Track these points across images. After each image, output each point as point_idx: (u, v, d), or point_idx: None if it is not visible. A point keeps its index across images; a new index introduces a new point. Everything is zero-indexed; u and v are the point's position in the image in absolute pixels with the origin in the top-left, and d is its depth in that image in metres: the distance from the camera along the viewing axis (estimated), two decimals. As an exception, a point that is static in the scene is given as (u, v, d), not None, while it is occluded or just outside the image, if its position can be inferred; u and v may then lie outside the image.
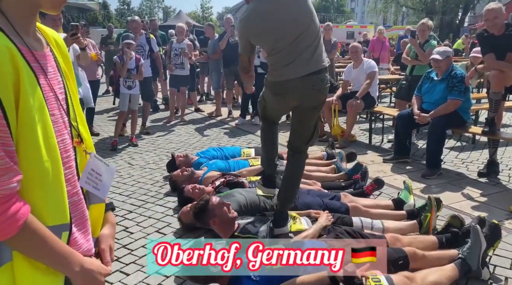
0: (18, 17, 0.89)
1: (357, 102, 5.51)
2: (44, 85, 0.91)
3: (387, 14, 38.42)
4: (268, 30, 2.44)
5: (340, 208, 3.11)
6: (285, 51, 2.45)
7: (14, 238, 0.82)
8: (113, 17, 42.88)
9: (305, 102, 2.54)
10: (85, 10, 12.30)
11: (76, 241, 0.98)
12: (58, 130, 0.94)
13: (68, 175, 0.97)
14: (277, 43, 2.45)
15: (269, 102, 2.70)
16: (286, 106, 2.69)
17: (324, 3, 50.11)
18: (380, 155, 5.12)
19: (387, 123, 6.52)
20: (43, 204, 0.89)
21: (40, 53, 0.94)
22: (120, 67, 5.46)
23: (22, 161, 0.84)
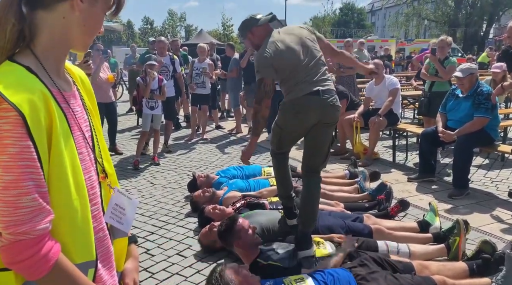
0: (50, 59, 0.93)
1: (379, 119, 5.43)
2: (73, 125, 0.94)
3: (408, 27, 38.12)
4: (288, 55, 2.69)
5: (363, 230, 3.03)
6: (304, 72, 2.67)
7: (44, 277, 0.84)
8: (137, 36, 44.04)
9: (323, 118, 2.67)
10: (110, 31, 12.67)
11: (101, 277, 0.98)
12: (86, 168, 0.96)
13: (94, 212, 0.98)
14: (295, 67, 2.68)
15: (287, 127, 2.76)
16: (305, 125, 2.71)
17: (344, 18, 50.14)
18: (404, 173, 5.00)
19: (411, 140, 6.39)
20: (72, 241, 0.90)
21: (69, 93, 0.98)
22: (143, 88, 5.56)
23: (53, 200, 0.86)
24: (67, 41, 0.95)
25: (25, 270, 0.82)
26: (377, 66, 5.76)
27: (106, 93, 5.90)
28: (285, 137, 2.81)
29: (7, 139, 0.78)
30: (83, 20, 0.93)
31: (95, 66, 5.71)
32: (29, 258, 0.81)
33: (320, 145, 2.76)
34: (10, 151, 0.78)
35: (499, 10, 31.30)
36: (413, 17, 35.20)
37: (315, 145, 2.76)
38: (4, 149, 0.78)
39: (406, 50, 24.81)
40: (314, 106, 2.62)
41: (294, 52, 2.69)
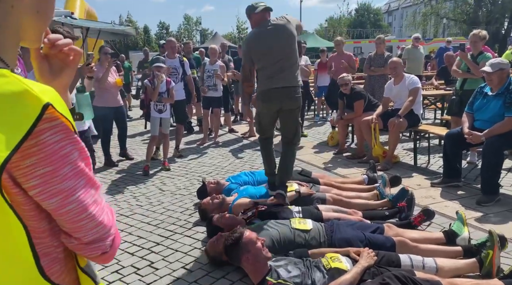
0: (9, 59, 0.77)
1: (399, 121, 5.12)
2: None
3: (426, 27, 37.32)
4: (263, 49, 3.48)
5: (385, 243, 2.76)
6: (271, 68, 3.47)
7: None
8: (153, 41, 44.41)
9: (284, 106, 3.56)
10: (124, 36, 12.65)
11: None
12: None
13: None
14: (267, 61, 3.48)
15: (262, 113, 3.66)
16: (271, 111, 3.62)
17: (360, 18, 49.53)
18: (427, 178, 4.69)
19: (433, 142, 6.05)
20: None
21: None
22: (150, 91, 5.39)
23: None
24: (17, 34, 0.77)
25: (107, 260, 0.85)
26: (396, 65, 5.48)
27: (114, 97, 5.76)
28: (262, 122, 3.71)
29: (65, 148, 0.71)
30: (35, 6, 0.77)
31: (103, 70, 5.59)
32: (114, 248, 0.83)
33: (287, 124, 3.69)
34: (74, 157, 0.73)
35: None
36: (431, 16, 34.42)
37: (284, 124, 3.74)
38: (66, 159, 0.71)
39: (425, 49, 24.24)
40: (274, 97, 3.51)
41: (268, 51, 3.45)
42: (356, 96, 5.89)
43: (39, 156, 0.67)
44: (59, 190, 0.70)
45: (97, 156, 6.09)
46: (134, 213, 4.02)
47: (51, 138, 0.68)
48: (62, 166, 0.70)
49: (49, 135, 0.68)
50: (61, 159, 0.70)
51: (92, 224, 0.76)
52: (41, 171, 0.68)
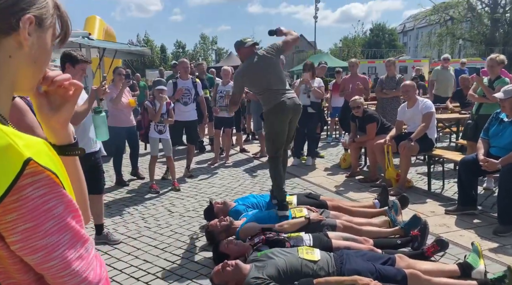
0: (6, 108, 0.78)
1: (410, 144, 5.03)
2: None
3: (442, 47, 37.16)
4: (255, 79, 4.01)
5: (396, 276, 2.66)
6: (275, 88, 3.95)
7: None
8: (169, 59, 45.19)
9: (295, 113, 3.98)
10: (140, 55, 12.89)
11: None
12: None
13: None
14: (268, 86, 3.95)
15: (276, 128, 3.93)
16: (286, 121, 3.94)
17: (375, 38, 49.56)
18: (441, 204, 4.56)
19: (448, 166, 5.92)
20: None
21: None
22: (152, 112, 5.41)
23: None
24: (13, 83, 0.77)
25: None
26: (408, 88, 5.42)
27: (127, 117, 5.82)
28: (277, 138, 3.95)
29: (48, 203, 0.68)
30: (32, 57, 0.77)
31: (117, 90, 5.67)
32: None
33: (290, 133, 4.07)
34: (58, 212, 0.69)
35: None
36: (447, 37, 34.30)
37: (288, 133, 4.04)
38: (49, 214, 0.68)
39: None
40: (289, 106, 3.89)
41: (263, 79, 3.95)
42: (368, 119, 5.82)
43: (20, 212, 0.65)
44: (41, 246, 0.68)
45: (109, 175, 6.13)
46: (142, 235, 3.99)
47: (33, 193, 0.66)
48: (45, 222, 0.67)
49: (31, 190, 0.66)
50: (43, 214, 0.67)
51: (75, 281, 0.72)
52: (22, 227, 0.66)
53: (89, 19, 12.95)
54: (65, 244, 0.70)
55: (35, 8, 0.76)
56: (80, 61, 3.34)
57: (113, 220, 4.43)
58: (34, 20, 0.75)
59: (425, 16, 35.63)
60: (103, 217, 3.93)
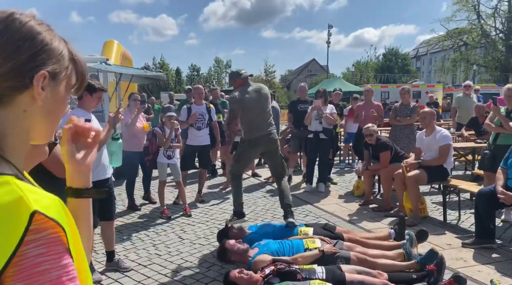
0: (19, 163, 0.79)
1: (417, 173, 4.96)
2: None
3: (455, 72, 37.07)
4: (250, 104, 4.46)
5: (411, 313, 2.57)
6: (255, 119, 4.49)
7: None
8: (184, 83, 45.92)
9: (268, 148, 4.60)
10: (156, 80, 13.17)
11: None
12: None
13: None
14: (252, 114, 4.46)
15: (246, 156, 4.69)
16: (256, 154, 4.93)
17: (388, 63, 49.75)
18: (458, 237, 4.45)
19: (464, 196, 5.79)
20: None
21: None
22: (161, 137, 5.45)
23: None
24: (28, 135, 0.78)
25: None
26: (426, 115, 5.37)
27: (141, 142, 5.89)
28: (244, 162, 4.72)
29: (44, 264, 0.66)
30: (47, 109, 0.78)
31: (132, 115, 5.76)
32: None
33: (275, 161, 4.67)
34: (52, 276, 0.67)
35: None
36: (461, 63, 34.27)
37: (273, 162, 4.71)
38: (42, 277, 0.66)
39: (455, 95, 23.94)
40: (262, 143, 4.53)
41: (254, 106, 4.46)
42: (382, 147, 5.78)
43: (18, 268, 0.64)
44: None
45: (121, 199, 6.15)
46: (152, 263, 3.96)
47: (33, 251, 0.65)
48: (34, 282, 0.65)
49: (32, 248, 0.65)
50: (37, 275, 0.65)
51: None
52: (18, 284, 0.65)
53: (107, 43, 13.33)
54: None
55: (49, 64, 0.77)
56: (97, 89, 3.43)
57: (124, 246, 4.42)
58: (47, 75, 0.76)
59: (439, 42, 35.75)
60: (114, 243, 3.92)
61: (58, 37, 0.80)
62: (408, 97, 6.95)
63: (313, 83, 37.87)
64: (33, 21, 0.77)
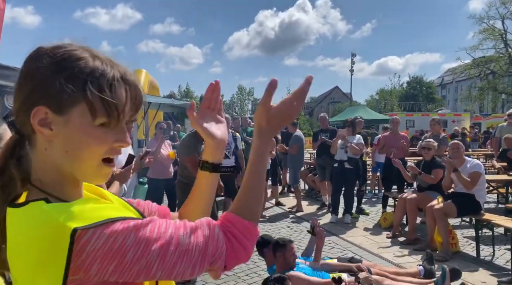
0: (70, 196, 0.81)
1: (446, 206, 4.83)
2: None
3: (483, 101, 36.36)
4: None
5: None
6: None
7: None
8: (208, 109, 46.64)
9: None
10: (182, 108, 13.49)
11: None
12: None
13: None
14: None
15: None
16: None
17: (412, 91, 49.35)
18: (493, 274, 4.25)
19: (498, 230, 5.56)
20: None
21: None
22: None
23: None
24: (61, 173, 0.79)
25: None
26: (457, 146, 5.26)
27: (166, 169, 6.03)
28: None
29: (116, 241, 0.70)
30: (63, 146, 0.76)
31: (157, 144, 5.92)
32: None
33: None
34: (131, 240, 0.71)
35: None
36: (488, 91, 33.66)
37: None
38: (124, 247, 0.70)
39: (483, 124, 23.40)
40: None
41: None
42: (436, 164, 5.60)
43: (97, 262, 0.68)
44: (136, 272, 0.71)
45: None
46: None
47: (96, 244, 0.68)
48: (125, 255, 0.70)
49: (94, 243, 0.68)
50: (118, 251, 0.69)
51: (184, 266, 0.74)
52: (111, 268, 0.69)
53: (136, 73, 13.72)
54: (156, 258, 0.72)
55: (47, 98, 0.74)
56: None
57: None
58: (46, 110, 0.74)
59: (465, 70, 35.33)
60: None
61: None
62: (438, 128, 6.85)
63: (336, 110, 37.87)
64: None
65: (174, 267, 0.74)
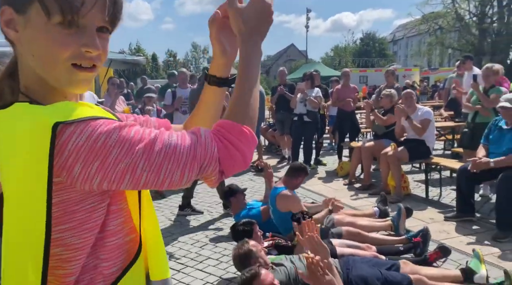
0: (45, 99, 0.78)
1: (398, 151, 5.12)
2: None
3: (431, 56, 37.75)
4: None
5: (401, 281, 2.70)
6: None
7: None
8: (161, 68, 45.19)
9: None
10: (134, 65, 12.95)
11: None
12: None
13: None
14: None
15: None
16: None
17: (365, 47, 50.24)
18: (440, 211, 4.63)
19: (444, 173, 6.00)
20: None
21: None
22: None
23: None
24: (41, 79, 0.77)
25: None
26: (410, 95, 5.52)
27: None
28: None
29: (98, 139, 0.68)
30: (29, 49, 0.75)
31: (111, 100, 5.74)
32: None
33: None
34: (115, 138, 0.69)
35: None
36: (436, 46, 34.89)
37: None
38: (107, 146, 0.69)
39: (431, 78, 24.44)
40: None
41: None
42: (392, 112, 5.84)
43: (80, 160, 0.67)
44: (121, 174, 0.69)
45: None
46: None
47: (78, 140, 0.67)
48: (108, 154, 0.68)
49: (75, 139, 0.67)
50: (101, 149, 0.68)
51: (171, 168, 0.72)
52: (93, 168, 0.68)
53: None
54: (141, 157, 0.70)
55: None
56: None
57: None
58: (10, 10, 0.73)
59: (415, 26, 36.21)
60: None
61: None
62: (392, 79, 7.08)
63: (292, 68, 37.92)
64: None
65: (161, 168, 0.71)
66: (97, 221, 0.76)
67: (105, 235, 0.79)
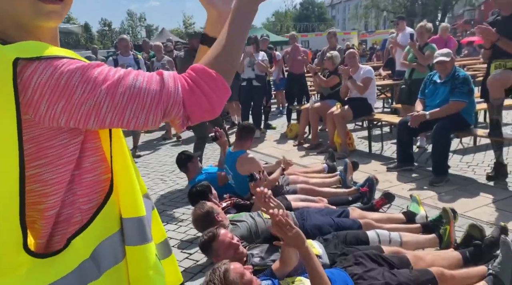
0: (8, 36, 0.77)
1: (344, 110, 5.39)
2: None
3: (368, 19, 38.89)
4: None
5: (352, 225, 2.93)
6: None
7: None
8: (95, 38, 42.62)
9: None
10: (67, 34, 12.11)
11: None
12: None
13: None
14: None
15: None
16: None
17: (305, 12, 50.57)
18: (382, 163, 4.98)
19: (385, 129, 6.40)
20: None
21: None
22: None
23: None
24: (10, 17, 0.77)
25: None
26: (354, 55, 5.73)
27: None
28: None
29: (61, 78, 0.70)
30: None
31: None
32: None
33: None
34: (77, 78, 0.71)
35: (452, 0, 32.54)
36: (372, 9, 35.95)
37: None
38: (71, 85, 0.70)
39: (368, 41, 25.27)
40: None
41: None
42: (336, 74, 6.03)
43: (45, 98, 0.69)
44: (87, 113, 0.71)
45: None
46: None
47: (41, 78, 0.69)
48: (72, 93, 0.70)
49: (39, 76, 0.69)
50: (65, 88, 0.69)
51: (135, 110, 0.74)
52: (59, 107, 0.70)
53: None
54: (105, 97, 0.72)
55: None
56: None
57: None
58: None
59: (351, -11, 36.91)
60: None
61: None
62: (334, 41, 7.25)
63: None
64: None
65: (125, 111, 0.73)
66: (71, 157, 0.78)
67: (82, 172, 0.81)
